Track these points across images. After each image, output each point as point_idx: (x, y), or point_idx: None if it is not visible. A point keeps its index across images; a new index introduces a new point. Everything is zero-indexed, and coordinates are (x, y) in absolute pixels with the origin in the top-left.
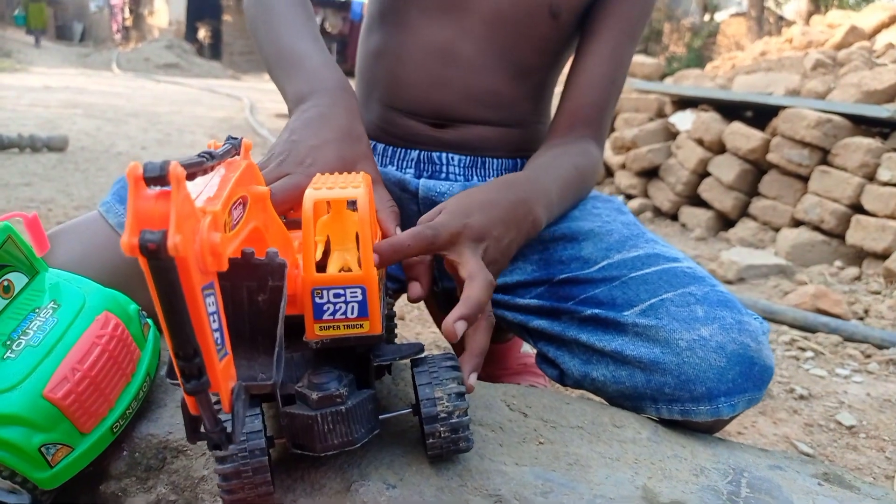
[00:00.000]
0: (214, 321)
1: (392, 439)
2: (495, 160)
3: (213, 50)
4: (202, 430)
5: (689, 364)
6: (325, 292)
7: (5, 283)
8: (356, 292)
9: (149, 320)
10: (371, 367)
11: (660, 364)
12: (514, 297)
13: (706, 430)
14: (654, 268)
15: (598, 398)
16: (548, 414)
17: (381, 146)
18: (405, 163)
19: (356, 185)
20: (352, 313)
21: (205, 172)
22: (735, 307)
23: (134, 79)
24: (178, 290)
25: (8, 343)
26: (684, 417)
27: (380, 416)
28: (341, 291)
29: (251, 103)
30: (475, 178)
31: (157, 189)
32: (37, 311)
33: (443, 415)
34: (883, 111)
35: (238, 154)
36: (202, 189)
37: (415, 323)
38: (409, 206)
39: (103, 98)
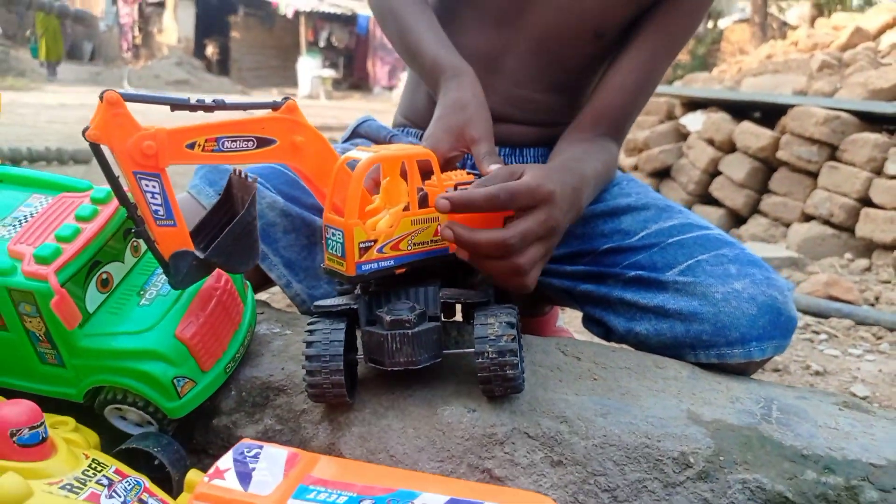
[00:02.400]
0: (155, 198)
1: (471, 378)
2: (531, 149)
3: (222, 66)
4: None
5: (725, 313)
6: (328, 229)
7: (135, 244)
8: (338, 234)
9: (247, 281)
10: (438, 302)
11: (698, 314)
12: (560, 265)
13: (737, 374)
14: (689, 234)
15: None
16: (598, 358)
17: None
18: None
19: (376, 151)
20: (337, 251)
21: (192, 110)
22: (763, 266)
23: None
24: (105, 163)
25: (141, 293)
26: (720, 361)
27: (444, 351)
28: (335, 231)
29: None
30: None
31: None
32: None
33: (492, 337)
34: (889, 107)
35: (276, 109)
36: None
37: None
38: None
39: None
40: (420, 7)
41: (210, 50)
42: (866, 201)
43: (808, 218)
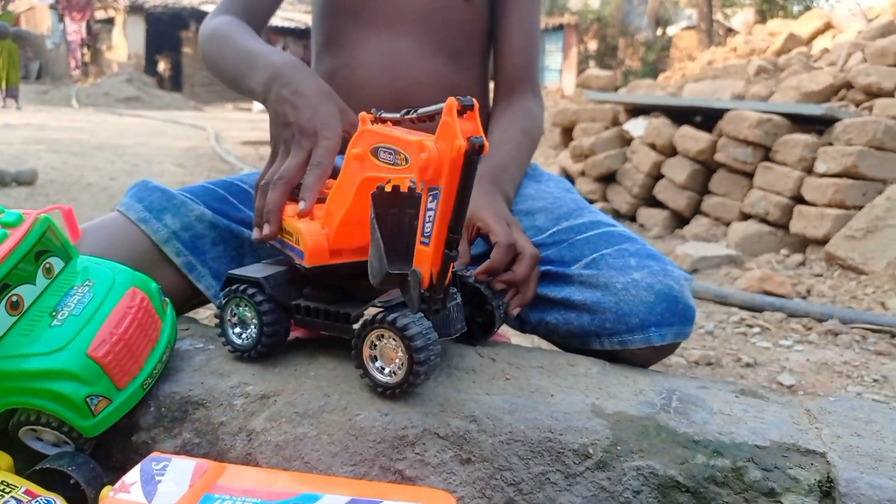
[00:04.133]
0: (428, 215)
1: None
2: None
3: (174, 82)
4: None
5: (625, 301)
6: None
7: (47, 266)
8: None
9: (166, 298)
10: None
11: (601, 304)
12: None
13: (645, 365)
14: (595, 231)
15: (556, 349)
16: (513, 359)
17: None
18: None
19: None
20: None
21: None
22: (661, 259)
23: (95, 113)
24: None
25: (53, 314)
26: (622, 347)
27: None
28: None
29: (216, 133)
30: None
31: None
32: (74, 287)
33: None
34: (817, 109)
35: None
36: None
37: None
38: None
39: (66, 133)
40: (247, 30)
41: (162, 66)
42: (799, 199)
43: (746, 217)
